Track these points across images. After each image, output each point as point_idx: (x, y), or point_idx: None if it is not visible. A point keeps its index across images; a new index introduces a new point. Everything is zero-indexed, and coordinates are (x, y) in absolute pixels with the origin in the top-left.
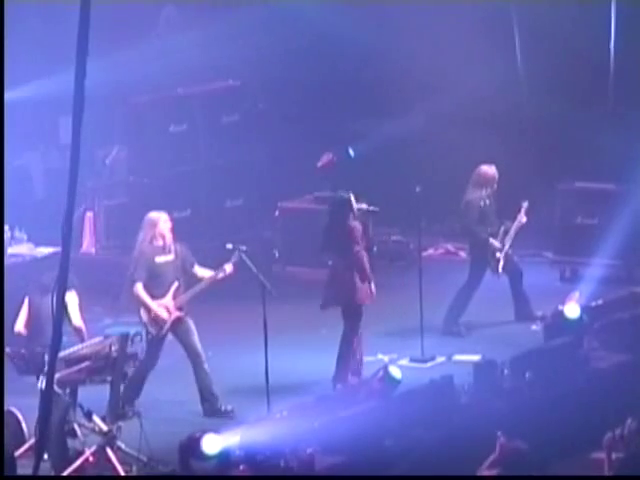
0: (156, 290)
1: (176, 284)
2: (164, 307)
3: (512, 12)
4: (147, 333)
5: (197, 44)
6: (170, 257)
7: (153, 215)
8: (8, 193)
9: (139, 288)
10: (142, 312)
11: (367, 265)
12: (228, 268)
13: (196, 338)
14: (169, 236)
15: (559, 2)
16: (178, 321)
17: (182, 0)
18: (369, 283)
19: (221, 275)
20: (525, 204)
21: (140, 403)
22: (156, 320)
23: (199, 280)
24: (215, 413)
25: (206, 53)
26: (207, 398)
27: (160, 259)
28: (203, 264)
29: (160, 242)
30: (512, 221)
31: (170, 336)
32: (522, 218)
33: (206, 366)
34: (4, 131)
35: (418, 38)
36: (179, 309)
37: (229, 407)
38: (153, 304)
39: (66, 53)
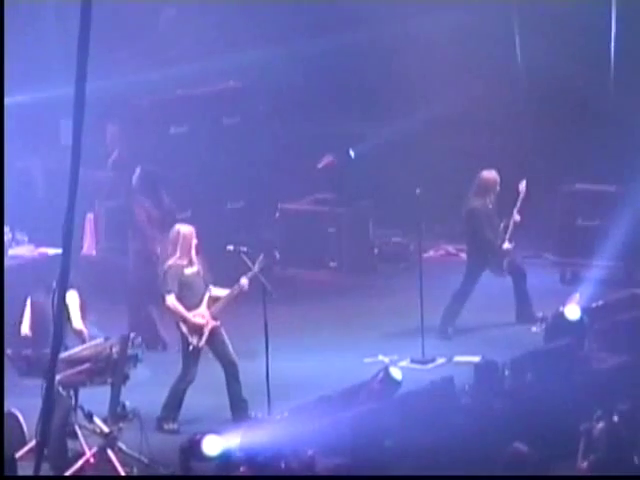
0: (190, 301)
1: (208, 293)
2: (201, 316)
3: (513, 13)
4: (187, 345)
5: (198, 45)
6: (195, 269)
7: (182, 229)
8: (9, 195)
9: (172, 300)
10: (181, 324)
11: (148, 243)
12: (244, 281)
13: (231, 348)
14: (194, 250)
15: (560, 2)
16: (213, 331)
17: (183, 1)
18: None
19: (237, 292)
20: (523, 183)
21: (141, 405)
22: (195, 329)
23: (214, 300)
24: (245, 420)
25: (207, 54)
26: (239, 405)
27: (188, 271)
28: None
29: (186, 256)
30: (512, 210)
31: None
32: (521, 197)
33: (239, 376)
34: (5, 133)
35: (419, 40)
36: (214, 319)
37: (259, 414)
38: (189, 314)
39: (68, 55)
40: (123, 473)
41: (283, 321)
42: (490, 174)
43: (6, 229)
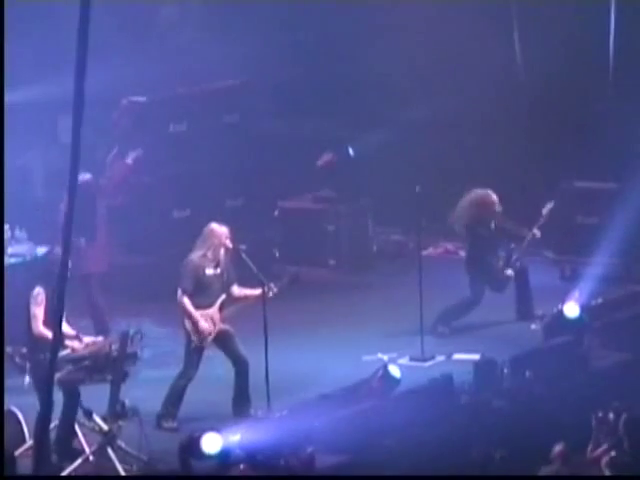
0: (203, 301)
1: (223, 296)
2: (209, 318)
3: (512, 11)
4: (189, 342)
5: (198, 43)
6: (218, 270)
7: (216, 228)
8: (8, 193)
9: (181, 296)
10: (186, 321)
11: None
12: (276, 288)
13: (241, 348)
14: (222, 252)
15: (559, 1)
16: (222, 333)
17: (183, 0)
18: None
19: (271, 294)
20: (547, 207)
21: (140, 403)
22: (199, 330)
23: (235, 298)
24: (245, 417)
25: (207, 52)
26: (242, 403)
27: (209, 271)
28: None
29: (212, 255)
30: (529, 228)
31: None
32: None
33: (249, 374)
34: (4, 131)
35: (420, 38)
36: (224, 322)
37: (259, 412)
38: (197, 315)
39: (67, 53)
40: (122, 471)
41: (282, 319)
42: (489, 198)
43: (5, 227)
